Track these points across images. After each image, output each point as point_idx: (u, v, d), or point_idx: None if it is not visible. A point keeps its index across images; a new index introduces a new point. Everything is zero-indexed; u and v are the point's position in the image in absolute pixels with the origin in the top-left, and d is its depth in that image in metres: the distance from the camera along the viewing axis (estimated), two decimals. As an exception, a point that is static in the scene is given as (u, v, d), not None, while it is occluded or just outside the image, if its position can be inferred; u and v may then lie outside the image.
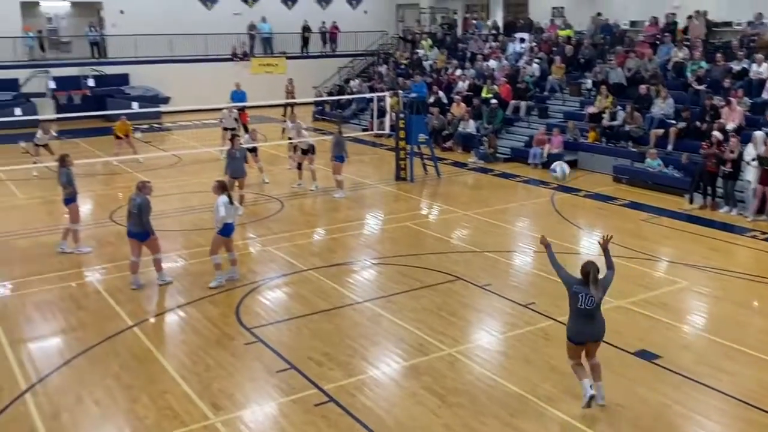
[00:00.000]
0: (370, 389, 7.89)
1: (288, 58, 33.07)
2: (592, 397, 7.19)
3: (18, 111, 25.40)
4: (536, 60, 24.19)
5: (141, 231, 10.61)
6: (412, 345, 8.91)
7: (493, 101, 22.07)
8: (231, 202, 10.70)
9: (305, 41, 33.95)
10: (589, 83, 22.08)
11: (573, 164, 19.28)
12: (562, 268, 7.40)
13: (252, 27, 32.83)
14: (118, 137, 19.90)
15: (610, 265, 7.45)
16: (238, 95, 24.02)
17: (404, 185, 17.72)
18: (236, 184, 14.87)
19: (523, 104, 22.39)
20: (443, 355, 8.63)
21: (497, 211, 15.28)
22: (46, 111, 26.58)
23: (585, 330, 7.27)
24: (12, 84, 27.16)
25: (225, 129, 20.64)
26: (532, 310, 9.97)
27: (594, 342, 7.35)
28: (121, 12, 30.14)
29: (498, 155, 20.55)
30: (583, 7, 27.04)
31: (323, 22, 34.37)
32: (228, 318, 9.78)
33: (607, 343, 8.86)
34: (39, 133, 18.73)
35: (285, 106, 29.04)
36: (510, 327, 9.48)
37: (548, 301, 10.20)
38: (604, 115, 19.64)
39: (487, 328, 9.50)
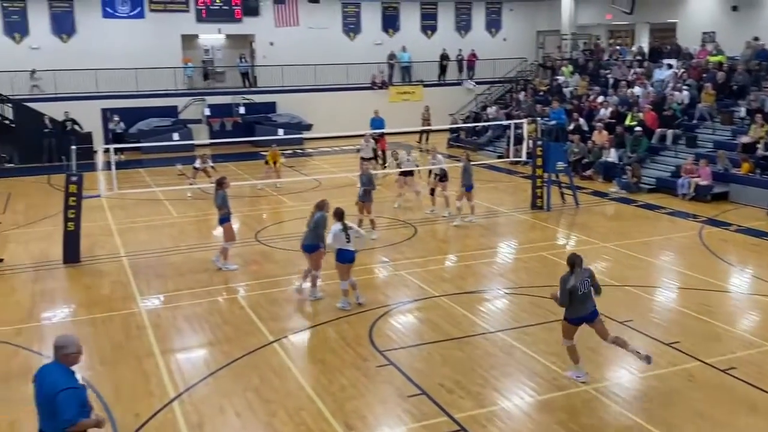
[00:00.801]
0: (502, 421, 7.76)
1: (425, 85, 33.60)
2: (581, 378, 8.55)
3: (176, 136, 27.50)
4: (685, 87, 23.13)
5: (311, 243, 11.31)
6: (546, 379, 8.70)
7: (638, 129, 21.29)
8: (345, 231, 10.83)
9: (443, 69, 34.32)
10: (742, 111, 20.85)
11: (724, 196, 18.25)
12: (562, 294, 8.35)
13: (392, 56, 33.63)
14: (267, 163, 20.93)
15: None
16: (376, 122, 24.68)
17: (540, 214, 17.41)
18: (364, 209, 15.20)
19: (669, 132, 21.44)
20: (579, 392, 8.35)
21: (639, 244, 14.65)
22: (201, 136, 28.50)
23: (581, 311, 8.36)
24: (172, 111, 29.33)
25: (362, 159, 21.20)
26: (676, 349, 9.45)
27: (590, 322, 8.42)
28: (271, 44, 31.84)
29: (641, 185, 19.74)
30: (736, 32, 25.59)
31: (460, 50, 34.62)
32: (362, 339, 9.98)
33: (760, 389, 8.28)
34: (198, 162, 20.13)
35: (421, 133, 29.48)
36: (651, 366, 9.00)
37: (694, 341, 9.65)
38: (758, 145, 18.45)
39: (627, 366, 9.07)
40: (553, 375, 8.77)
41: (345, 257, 10.92)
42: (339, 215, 10.98)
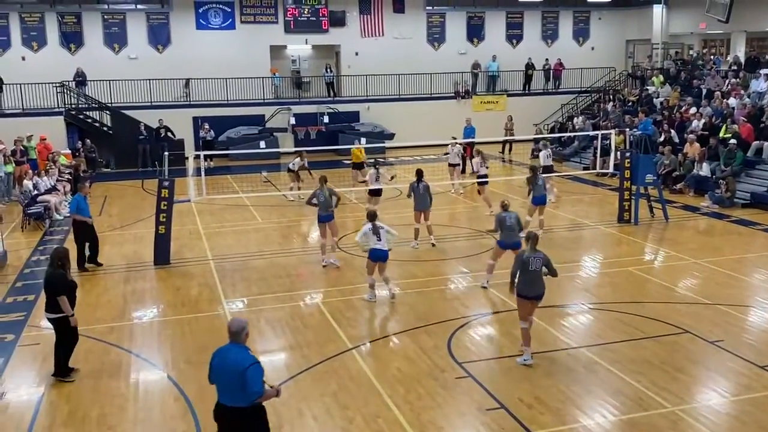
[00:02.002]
0: (583, 439, 7.56)
1: (509, 95, 33.26)
2: (528, 361, 9.22)
3: (262, 144, 28.19)
4: (785, 97, 22.04)
5: (519, 241, 11.85)
6: (631, 398, 8.41)
7: (732, 141, 20.40)
8: (375, 231, 11.57)
9: (528, 78, 33.87)
10: None
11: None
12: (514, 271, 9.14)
13: (476, 66, 33.44)
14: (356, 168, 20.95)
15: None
16: (468, 130, 24.70)
17: (627, 228, 16.89)
18: (422, 216, 15.12)
19: (766, 145, 20.44)
20: (665, 413, 8.04)
21: (732, 261, 14.00)
22: (286, 144, 29.11)
23: (534, 287, 9.07)
24: (259, 120, 30.11)
25: (450, 165, 21.16)
26: (772, 373, 8.98)
27: (538, 299, 9.17)
28: (356, 54, 32.27)
29: (736, 200, 18.89)
30: None
31: (547, 59, 34.10)
32: (440, 350, 9.92)
33: None
34: (297, 160, 20.42)
35: (503, 143, 29.17)
36: (744, 389, 8.60)
37: (792, 365, 9.13)
38: None
39: (718, 388, 8.68)
40: (638, 394, 8.47)
41: (376, 255, 11.61)
42: (371, 216, 11.81)
